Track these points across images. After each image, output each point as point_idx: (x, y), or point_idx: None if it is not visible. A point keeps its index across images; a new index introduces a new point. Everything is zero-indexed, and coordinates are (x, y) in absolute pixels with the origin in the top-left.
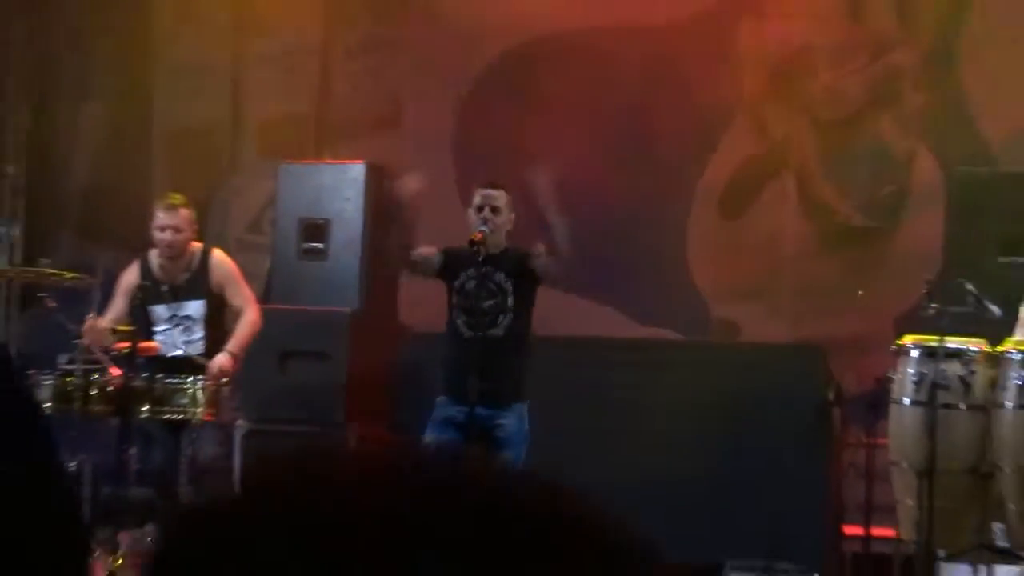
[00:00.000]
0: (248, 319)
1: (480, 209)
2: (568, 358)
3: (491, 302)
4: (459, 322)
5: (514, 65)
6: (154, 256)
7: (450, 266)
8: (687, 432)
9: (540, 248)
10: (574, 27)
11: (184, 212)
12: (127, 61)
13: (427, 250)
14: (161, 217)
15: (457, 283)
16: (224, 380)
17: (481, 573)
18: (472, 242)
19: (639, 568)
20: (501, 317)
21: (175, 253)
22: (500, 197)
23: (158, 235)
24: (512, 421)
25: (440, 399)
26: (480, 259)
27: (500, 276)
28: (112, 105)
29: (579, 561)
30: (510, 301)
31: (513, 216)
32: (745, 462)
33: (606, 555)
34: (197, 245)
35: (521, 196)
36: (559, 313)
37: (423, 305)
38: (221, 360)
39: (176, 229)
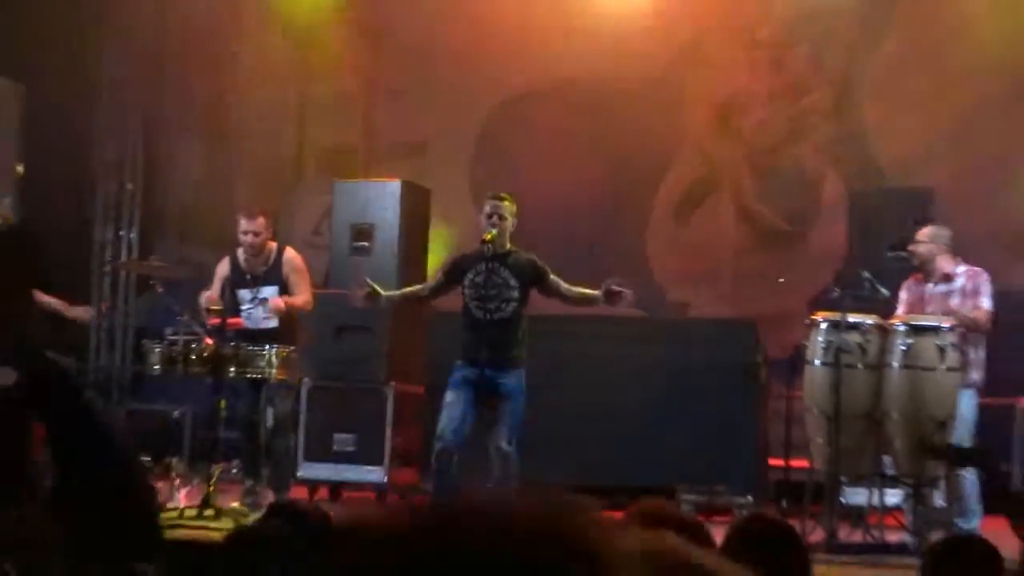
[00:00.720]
0: (303, 297)
1: (490, 216)
2: (558, 331)
3: (495, 291)
4: (472, 307)
5: (513, 108)
6: (240, 253)
7: (455, 274)
8: (649, 386)
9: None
10: (560, 79)
11: (261, 219)
12: (217, 105)
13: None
14: (244, 223)
15: (467, 280)
16: (290, 345)
17: None
18: (483, 241)
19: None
20: (505, 304)
21: (255, 251)
22: (505, 207)
23: (242, 237)
24: (513, 380)
25: (458, 363)
26: (488, 256)
27: (505, 272)
28: (206, 138)
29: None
30: (514, 293)
31: (515, 222)
32: (693, 409)
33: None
34: (273, 244)
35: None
36: None
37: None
38: (279, 300)
39: (255, 233)
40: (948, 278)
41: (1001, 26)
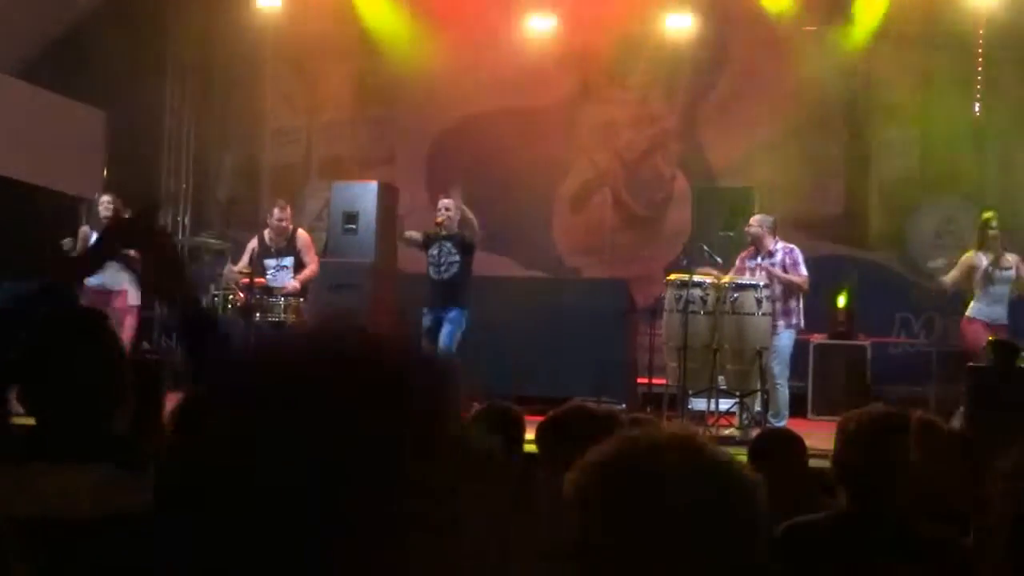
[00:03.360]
0: (310, 269)
1: (439, 210)
2: (490, 287)
3: (444, 260)
4: (431, 270)
5: (456, 130)
6: (267, 232)
7: (425, 243)
8: (554, 325)
9: (468, 234)
10: (489, 109)
11: (288, 209)
12: (249, 127)
13: (414, 233)
14: (278, 212)
15: (430, 251)
16: (299, 298)
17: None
18: (437, 225)
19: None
20: (451, 267)
21: (280, 232)
22: (451, 203)
23: (276, 222)
24: (454, 313)
25: (424, 310)
26: (441, 236)
27: (451, 246)
28: (240, 151)
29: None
30: (457, 260)
31: (459, 214)
32: (585, 342)
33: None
34: (290, 226)
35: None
36: (486, 263)
37: (410, 260)
38: (292, 284)
39: (286, 219)
40: (771, 253)
41: (799, 72)
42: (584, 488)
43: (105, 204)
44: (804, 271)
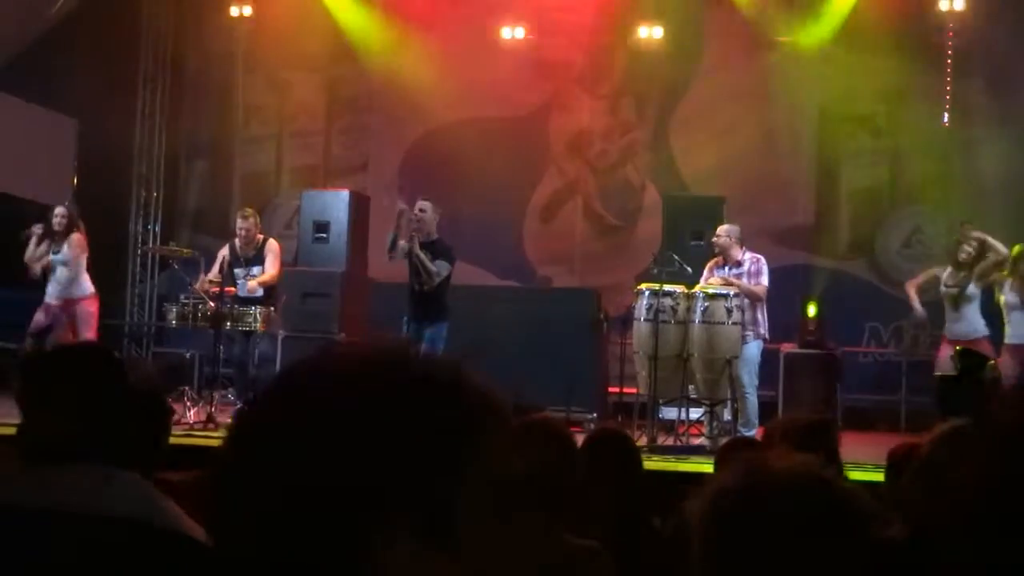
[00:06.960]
0: (268, 274)
1: (415, 210)
2: (461, 296)
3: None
4: (412, 280)
5: (428, 140)
6: (236, 241)
7: (396, 251)
8: (526, 334)
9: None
10: (461, 118)
11: (251, 219)
12: (220, 136)
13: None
14: (239, 222)
15: (408, 260)
16: (270, 306)
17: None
18: (413, 231)
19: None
20: (431, 280)
21: (247, 241)
22: (428, 207)
23: (238, 231)
24: (433, 330)
25: (404, 318)
26: (420, 242)
27: (430, 256)
28: (211, 160)
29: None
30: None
31: (437, 218)
32: (555, 351)
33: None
34: (261, 236)
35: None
36: (458, 272)
37: (381, 268)
38: (251, 283)
39: (247, 229)
40: (738, 263)
41: (770, 83)
42: (711, 518)
43: (59, 219)
44: (765, 281)
